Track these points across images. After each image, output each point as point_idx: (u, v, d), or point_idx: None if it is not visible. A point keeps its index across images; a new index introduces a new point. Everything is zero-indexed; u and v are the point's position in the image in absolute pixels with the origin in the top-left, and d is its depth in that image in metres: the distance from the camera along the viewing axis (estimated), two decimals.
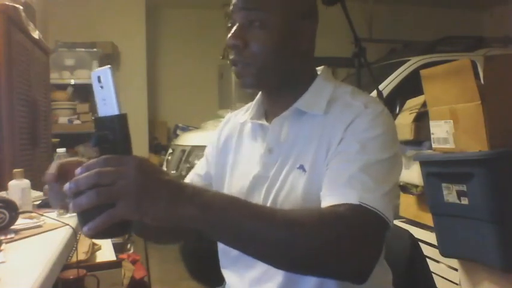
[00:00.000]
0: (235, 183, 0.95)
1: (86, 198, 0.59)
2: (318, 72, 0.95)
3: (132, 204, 0.59)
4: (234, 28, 0.86)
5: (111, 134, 0.63)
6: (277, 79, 0.89)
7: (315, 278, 0.82)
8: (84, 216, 0.60)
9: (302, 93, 0.90)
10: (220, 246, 0.97)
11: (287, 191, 0.86)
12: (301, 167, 0.85)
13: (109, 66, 0.64)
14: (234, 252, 0.91)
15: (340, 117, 0.84)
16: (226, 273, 0.97)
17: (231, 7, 0.88)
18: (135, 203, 0.60)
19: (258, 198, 0.89)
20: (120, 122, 0.63)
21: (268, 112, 0.97)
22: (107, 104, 0.63)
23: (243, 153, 0.98)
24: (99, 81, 0.63)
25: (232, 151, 1.00)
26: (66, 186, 0.60)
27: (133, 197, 0.59)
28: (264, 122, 0.95)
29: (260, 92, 0.99)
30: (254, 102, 1.00)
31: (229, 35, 0.86)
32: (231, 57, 0.88)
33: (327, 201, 0.75)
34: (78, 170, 0.61)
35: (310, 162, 0.84)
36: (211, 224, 0.66)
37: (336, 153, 0.82)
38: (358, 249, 0.70)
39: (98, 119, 0.64)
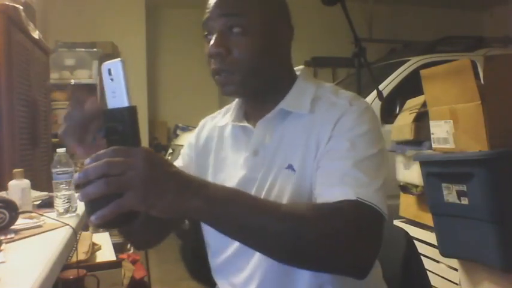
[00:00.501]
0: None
1: (95, 188, 0.59)
2: (297, 73, 0.95)
3: (140, 195, 0.60)
4: (215, 36, 0.84)
5: (121, 126, 0.63)
6: (261, 84, 0.88)
7: (309, 278, 0.82)
8: (92, 206, 0.61)
9: (284, 94, 0.90)
10: (210, 250, 0.97)
11: (277, 192, 0.85)
12: (290, 167, 0.85)
13: (120, 59, 0.64)
14: (222, 257, 0.92)
15: (326, 116, 0.84)
16: (216, 278, 0.97)
17: (207, 15, 0.86)
18: (143, 194, 0.60)
19: None
20: (130, 114, 0.64)
21: (250, 114, 0.96)
22: (117, 97, 0.64)
23: (225, 156, 0.97)
24: (110, 73, 0.64)
25: (213, 153, 0.99)
26: (76, 176, 0.61)
27: (141, 188, 0.60)
28: (247, 125, 0.94)
29: None
30: (234, 104, 1.00)
31: (211, 44, 0.84)
32: (213, 66, 0.86)
33: (323, 200, 0.75)
34: (87, 160, 0.61)
35: (299, 162, 0.84)
36: (215, 216, 0.67)
37: (325, 152, 0.82)
38: (357, 244, 0.71)
39: (107, 111, 0.64)
